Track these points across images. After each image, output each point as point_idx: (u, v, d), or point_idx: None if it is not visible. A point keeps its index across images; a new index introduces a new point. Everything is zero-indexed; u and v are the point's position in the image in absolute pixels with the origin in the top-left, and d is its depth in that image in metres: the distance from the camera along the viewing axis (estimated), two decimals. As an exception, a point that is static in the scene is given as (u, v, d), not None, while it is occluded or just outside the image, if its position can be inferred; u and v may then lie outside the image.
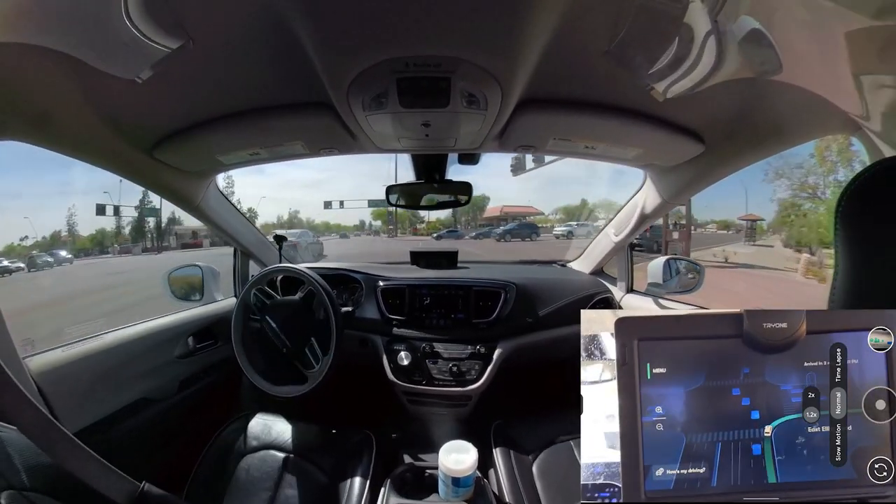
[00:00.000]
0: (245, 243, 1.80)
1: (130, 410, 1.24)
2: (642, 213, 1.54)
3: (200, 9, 0.63)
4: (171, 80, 0.82)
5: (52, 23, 0.61)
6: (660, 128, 1.01)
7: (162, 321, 1.46)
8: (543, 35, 0.67)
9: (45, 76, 0.74)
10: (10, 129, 0.83)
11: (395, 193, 1.54)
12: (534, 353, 1.60)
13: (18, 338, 0.94)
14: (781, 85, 0.70)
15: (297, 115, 1.01)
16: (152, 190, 1.29)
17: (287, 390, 1.32)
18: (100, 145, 1.00)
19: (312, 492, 1.10)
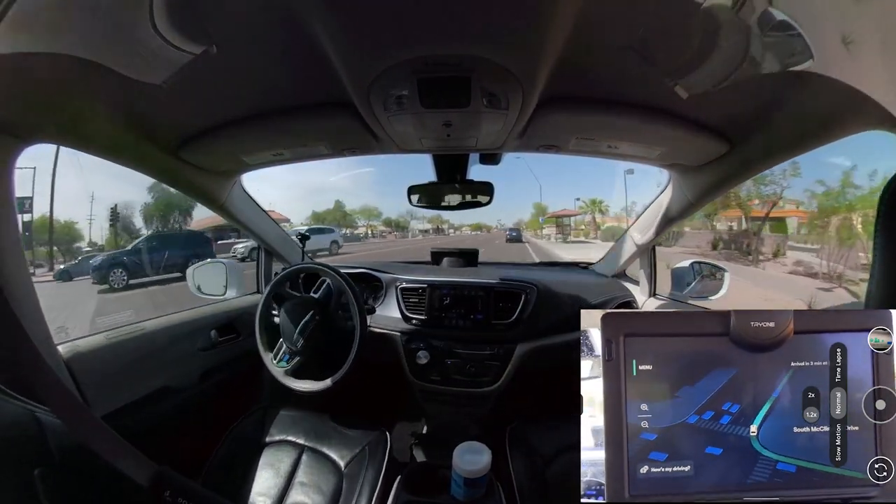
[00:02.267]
0: (269, 241, 1.84)
1: (154, 398, 1.29)
2: (666, 215, 1.50)
3: (223, 14, 0.65)
4: (195, 84, 0.85)
5: (82, 33, 0.64)
6: (684, 126, 0.98)
7: (187, 314, 1.52)
8: (563, 31, 0.66)
9: (77, 83, 0.78)
10: (45, 133, 0.87)
11: (417, 193, 1.54)
12: (553, 355, 1.58)
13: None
14: (812, 78, 0.66)
15: (320, 117, 1.02)
16: (179, 189, 1.33)
17: (307, 386, 1.34)
18: (128, 147, 1.04)
19: (326, 485, 1.11)
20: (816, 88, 0.75)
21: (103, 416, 1.11)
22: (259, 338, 1.45)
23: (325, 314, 1.38)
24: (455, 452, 1.05)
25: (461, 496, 1.04)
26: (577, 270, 2.16)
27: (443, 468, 1.12)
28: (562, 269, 2.26)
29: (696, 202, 1.34)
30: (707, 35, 0.64)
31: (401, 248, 18.55)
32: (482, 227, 52.84)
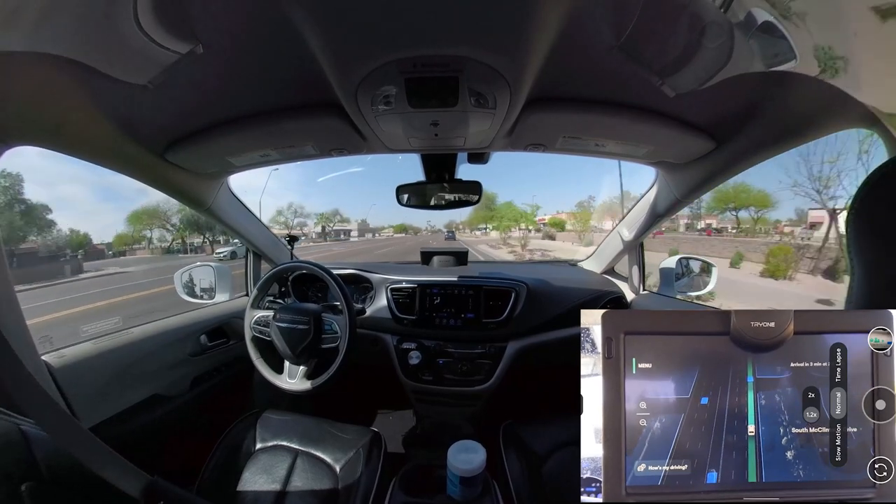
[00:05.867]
0: (257, 243, 1.82)
1: (144, 407, 1.27)
2: (654, 212, 1.52)
3: (209, 14, 0.64)
4: (181, 84, 0.84)
5: (64, 31, 0.62)
6: (670, 124, 1.00)
7: (175, 319, 1.49)
8: (551, 32, 0.66)
9: (59, 83, 0.76)
10: (26, 135, 0.85)
11: (406, 193, 1.54)
12: (544, 353, 1.60)
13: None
14: (795, 78, 0.68)
15: (307, 117, 1.01)
16: (166, 192, 1.30)
17: (298, 385, 1.34)
18: (113, 149, 1.02)
19: (321, 488, 1.11)
20: (800, 88, 0.76)
21: (93, 426, 1.09)
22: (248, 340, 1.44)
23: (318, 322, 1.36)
24: (450, 452, 1.05)
25: (457, 495, 1.04)
26: (565, 268, 2.18)
27: (438, 468, 1.12)
28: (551, 266, 2.28)
29: (682, 199, 1.37)
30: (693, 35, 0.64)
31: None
32: (408, 228, 49.14)
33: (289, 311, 1.37)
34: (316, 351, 1.35)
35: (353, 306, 1.38)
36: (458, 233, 43.72)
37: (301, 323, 1.33)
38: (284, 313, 1.37)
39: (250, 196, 2.27)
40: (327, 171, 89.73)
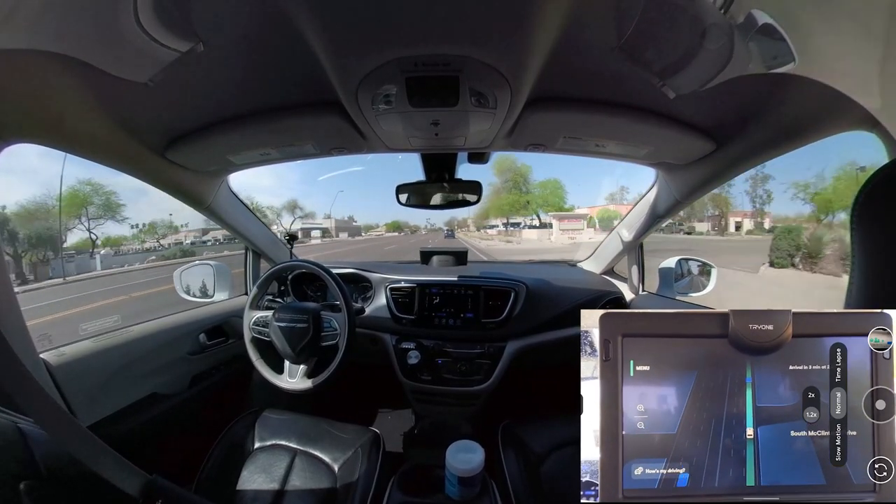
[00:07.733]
0: (257, 242, 1.82)
1: (143, 405, 1.27)
2: (653, 213, 1.52)
3: (210, 12, 0.64)
4: (182, 82, 0.83)
5: (64, 29, 0.62)
6: (670, 125, 1.00)
7: (174, 318, 1.49)
8: (551, 32, 0.66)
9: (59, 80, 0.76)
10: (25, 133, 0.85)
11: (406, 192, 1.54)
12: (543, 353, 1.60)
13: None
14: (795, 80, 0.68)
15: (308, 116, 1.01)
16: (165, 191, 1.30)
17: (299, 384, 1.34)
18: (113, 147, 1.02)
19: (319, 488, 1.11)
20: (799, 90, 0.77)
21: (92, 424, 1.09)
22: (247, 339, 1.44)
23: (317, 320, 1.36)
24: (448, 451, 1.05)
25: (456, 495, 1.04)
26: (564, 268, 2.17)
27: (437, 468, 1.12)
28: (550, 266, 2.27)
29: (682, 200, 1.37)
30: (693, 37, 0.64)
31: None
32: (403, 226, 45.48)
33: (288, 311, 1.37)
34: (316, 349, 1.35)
35: (351, 303, 1.38)
36: (462, 233, 42.57)
37: (300, 322, 1.34)
38: (284, 312, 1.37)
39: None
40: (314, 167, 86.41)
